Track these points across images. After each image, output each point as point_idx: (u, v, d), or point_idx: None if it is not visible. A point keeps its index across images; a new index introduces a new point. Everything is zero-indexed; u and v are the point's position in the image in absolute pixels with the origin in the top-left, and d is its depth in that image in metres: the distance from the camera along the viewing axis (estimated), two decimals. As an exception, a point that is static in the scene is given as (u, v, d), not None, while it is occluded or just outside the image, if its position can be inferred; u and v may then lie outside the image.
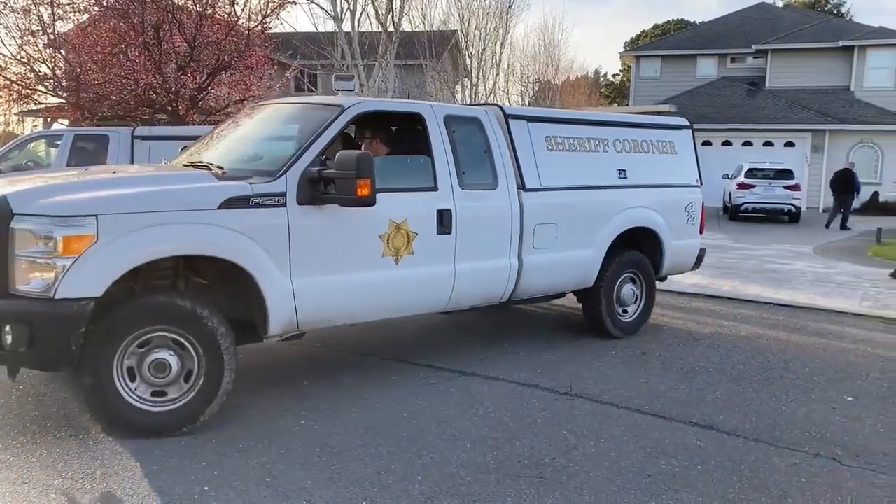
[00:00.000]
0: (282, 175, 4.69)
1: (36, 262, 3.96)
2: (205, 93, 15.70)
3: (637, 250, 7.00)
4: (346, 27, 16.13)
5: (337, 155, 4.68)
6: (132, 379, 4.24)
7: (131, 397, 4.24)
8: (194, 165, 5.23)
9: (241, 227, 4.43)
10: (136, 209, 4.18)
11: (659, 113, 10.51)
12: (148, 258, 4.18)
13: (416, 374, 5.63)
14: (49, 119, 18.97)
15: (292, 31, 18.77)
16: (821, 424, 4.73)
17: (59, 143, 9.59)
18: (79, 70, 14.91)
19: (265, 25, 16.18)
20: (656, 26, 49.66)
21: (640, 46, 39.38)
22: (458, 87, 23.60)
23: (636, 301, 7.10)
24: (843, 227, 18.81)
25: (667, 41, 34.55)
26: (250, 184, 4.58)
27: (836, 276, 10.84)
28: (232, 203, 4.43)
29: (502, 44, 21.01)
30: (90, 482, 3.69)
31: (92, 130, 10.34)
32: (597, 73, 56.42)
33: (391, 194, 5.06)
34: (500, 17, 20.61)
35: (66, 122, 17.29)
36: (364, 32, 17.02)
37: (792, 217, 20.57)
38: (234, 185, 4.56)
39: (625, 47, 43.90)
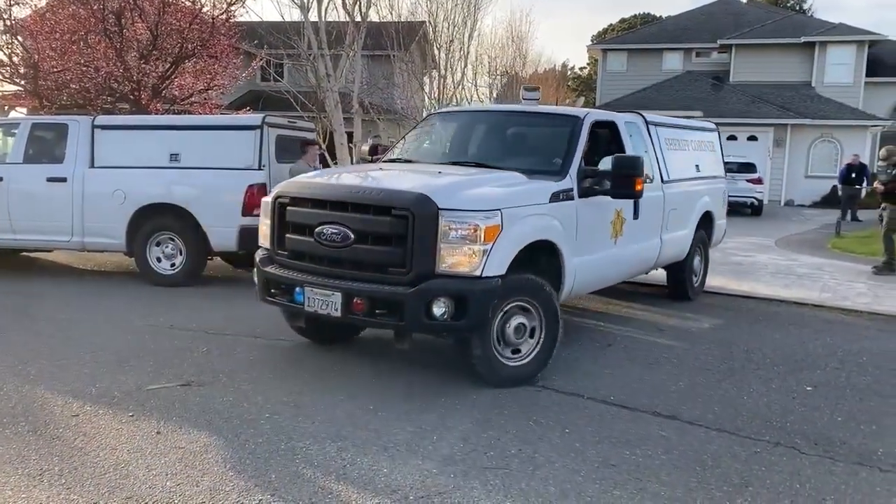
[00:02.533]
0: (567, 174, 5.74)
1: (462, 247, 4.72)
2: (168, 82, 15.42)
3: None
4: (313, 16, 15.93)
5: (615, 157, 5.81)
6: (500, 340, 5.11)
7: (499, 354, 5.12)
8: (460, 164, 6.04)
9: (557, 216, 5.49)
10: (515, 204, 5.10)
11: (688, 117, 11.17)
12: (524, 243, 5.07)
13: (382, 366, 5.60)
14: (6, 107, 18.47)
15: (258, 20, 18.52)
16: (781, 414, 4.82)
17: (15, 131, 9.30)
18: (37, 57, 14.55)
19: (230, 14, 15.93)
20: (623, 20, 49.95)
21: (606, 40, 39.58)
22: (427, 79, 23.51)
23: (700, 270, 8.78)
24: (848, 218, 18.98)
25: (633, 35, 34.78)
26: (555, 181, 5.59)
27: (797, 268, 11.04)
28: (553, 197, 5.50)
29: (470, 36, 20.93)
30: (48, 478, 3.61)
31: (51, 119, 10.03)
32: (564, 66, 56.59)
33: None
34: (468, 9, 20.54)
35: (23, 110, 16.86)
36: (331, 22, 16.83)
37: (754, 210, 20.87)
38: (551, 183, 5.58)
39: (592, 41, 44.03)
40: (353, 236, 4.90)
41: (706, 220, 8.62)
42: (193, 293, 8.34)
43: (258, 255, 5.69)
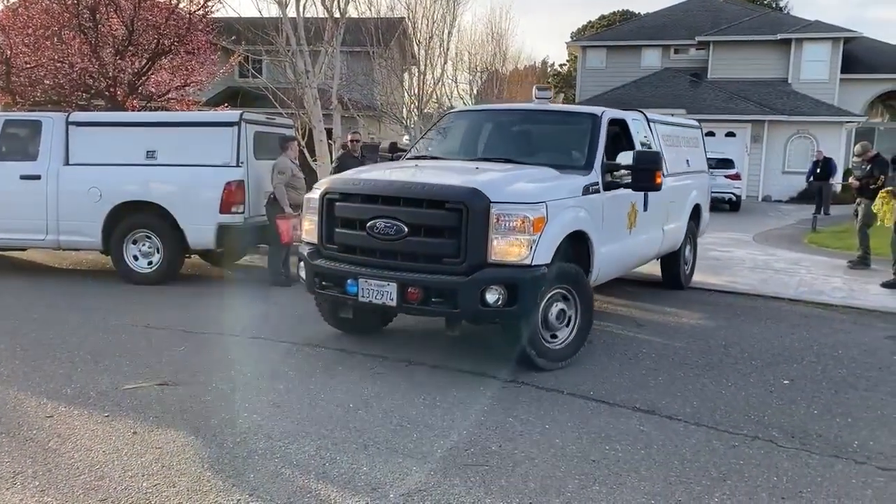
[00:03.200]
0: (593, 168, 6.11)
1: (513, 237, 5.02)
2: (144, 78, 15.22)
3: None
4: (291, 12, 15.82)
5: (636, 152, 6.22)
6: (543, 325, 5.43)
7: (543, 338, 5.45)
8: (489, 160, 6.28)
9: (588, 208, 5.83)
10: (557, 197, 5.43)
11: (672, 114, 11.53)
12: (565, 233, 5.40)
13: (362, 364, 5.59)
14: (-22, 104, 18.12)
15: (235, 16, 18.36)
16: (758, 407, 4.86)
17: (-12, 128, 9.14)
18: (9, 53, 14.28)
19: (207, 9, 15.75)
20: (602, 17, 50.11)
21: (586, 37, 39.66)
22: (406, 75, 23.42)
23: (690, 259, 9.24)
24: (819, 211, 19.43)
25: (612, 32, 34.90)
26: (583, 175, 5.94)
27: (774, 262, 11.14)
28: (585, 190, 5.86)
29: (449, 32, 20.81)
30: (21, 481, 3.55)
31: (24, 116, 9.85)
32: (544, 63, 56.70)
33: None
34: (447, 5, 20.45)
35: (-4, 107, 16.54)
36: (309, 18, 16.71)
37: (732, 206, 21.06)
38: (581, 177, 5.94)
39: (571, 37, 44.15)
40: (406, 229, 5.16)
41: (695, 213, 9.07)
42: (171, 291, 8.25)
43: (303, 249, 5.86)
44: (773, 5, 42.91)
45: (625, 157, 6.28)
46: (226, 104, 19.39)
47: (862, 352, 6.32)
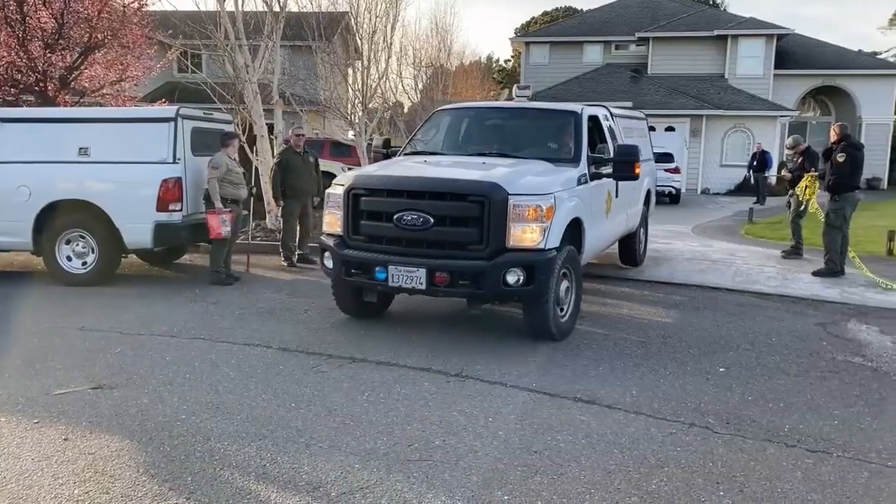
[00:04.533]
0: (581, 161, 6.74)
1: (528, 225, 5.65)
2: (77, 73, 14.72)
3: None
4: (230, 6, 15.51)
5: (617, 146, 7.22)
6: (555, 301, 6.00)
7: (559, 313, 6.10)
8: (484, 155, 6.78)
9: (580, 196, 6.44)
10: (561, 188, 6.04)
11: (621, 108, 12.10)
12: (569, 220, 6.05)
13: (305, 362, 5.52)
14: None
15: (172, 9, 17.89)
16: (695, 395, 4.97)
17: None
18: (-70, 47, 13.64)
19: (142, 2, 15.32)
20: (545, 13, 50.62)
21: (529, 33, 40.00)
22: (350, 70, 23.18)
23: (644, 239, 10.20)
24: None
25: (555, 28, 35.24)
26: (574, 168, 6.59)
27: (712, 254, 11.42)
28: (578, 181, 6.51)
29: (393, 27, 20.65)
30: (-57, 493, 3.40)
31: (-54, 112, 9.45)
32: (489, 58, 56.97)
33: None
34: (391, -1, 20.29)
35: (-82, 102, 15.77)
36: (249, 12, 16.41)
37: (672, 198, 21.54)
38: (573, 169, 6.58)
39: (515, 33, 44.48)
40: (432, 220, 5.68)
41: (647, 197, 10.01)
42: (106, 293, 8.01)
43: (328, 241, 6.24)
44: (710, 2, 43.95)
45: (604, 150, 7.14)
46: (164, 100, 18.89)
47: (794, 338, 6.53)
